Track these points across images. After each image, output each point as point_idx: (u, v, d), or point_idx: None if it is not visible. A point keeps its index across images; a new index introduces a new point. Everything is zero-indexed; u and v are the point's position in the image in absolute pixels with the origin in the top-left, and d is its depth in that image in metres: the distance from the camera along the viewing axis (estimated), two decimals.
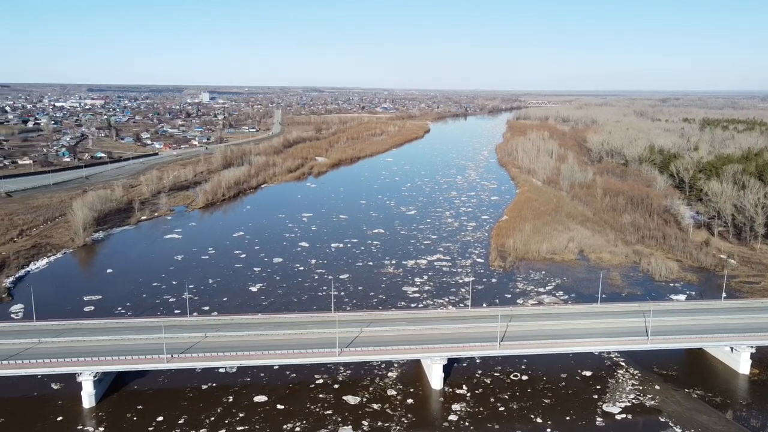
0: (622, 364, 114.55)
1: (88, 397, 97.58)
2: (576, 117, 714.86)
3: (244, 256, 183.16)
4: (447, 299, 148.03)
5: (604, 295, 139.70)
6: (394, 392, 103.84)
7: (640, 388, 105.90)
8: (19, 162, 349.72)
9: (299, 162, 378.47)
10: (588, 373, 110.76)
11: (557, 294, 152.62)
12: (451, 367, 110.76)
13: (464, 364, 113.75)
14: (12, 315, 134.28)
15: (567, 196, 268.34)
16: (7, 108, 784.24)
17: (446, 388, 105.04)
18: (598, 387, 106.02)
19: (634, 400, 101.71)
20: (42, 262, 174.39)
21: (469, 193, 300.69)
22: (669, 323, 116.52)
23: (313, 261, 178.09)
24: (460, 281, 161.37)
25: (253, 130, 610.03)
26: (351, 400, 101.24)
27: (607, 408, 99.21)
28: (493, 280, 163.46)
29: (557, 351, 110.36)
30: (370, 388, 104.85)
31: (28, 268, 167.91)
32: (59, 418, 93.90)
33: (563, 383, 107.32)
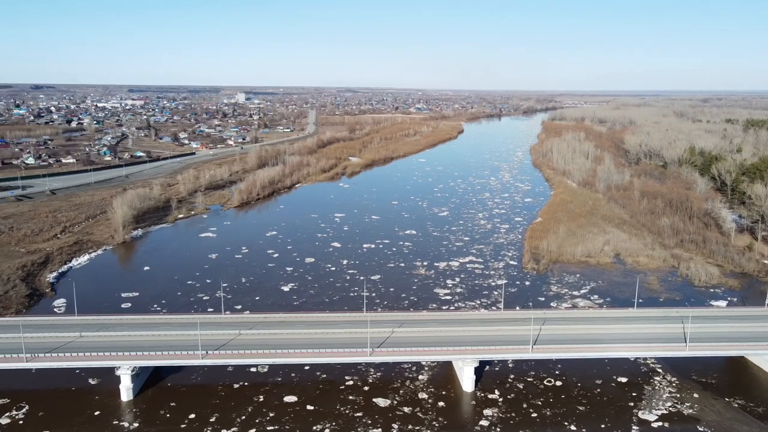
0: (659, 370, 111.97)
1: (126, 391, 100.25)
2: (613, 117, 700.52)
3: (276, 255, 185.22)
4: (479, 302, 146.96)
5: (640, 300, 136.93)
6: (425, 395, 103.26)
7: (678, 395, 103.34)
8: (63, 160, 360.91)
9: (333, 162, 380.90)
10: (623, 380, 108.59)
11: (592, 298, 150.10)
12: (482, 370, 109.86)
13: (496, 368, 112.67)
14: (55, 309, 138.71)
15: (603, 199, 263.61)
16: (53, 108, 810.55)
17: (478, 392, 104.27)
18: (633, 394, 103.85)
19: (671, 408, 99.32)
20: (83, 258, 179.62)
21: (502, 194, 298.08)
22: (709, 330, 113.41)
23: (345, 261, 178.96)
24: (493, 284, 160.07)
25: (288, 130, 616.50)
26: (381, 402, 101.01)
27: (644, 416, 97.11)
28: (527, 283, 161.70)
29: (592, 356, 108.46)
30: (401, 391, 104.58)
31: (70, 264, 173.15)
32: (96, 413, 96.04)
33: (598, 389, 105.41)
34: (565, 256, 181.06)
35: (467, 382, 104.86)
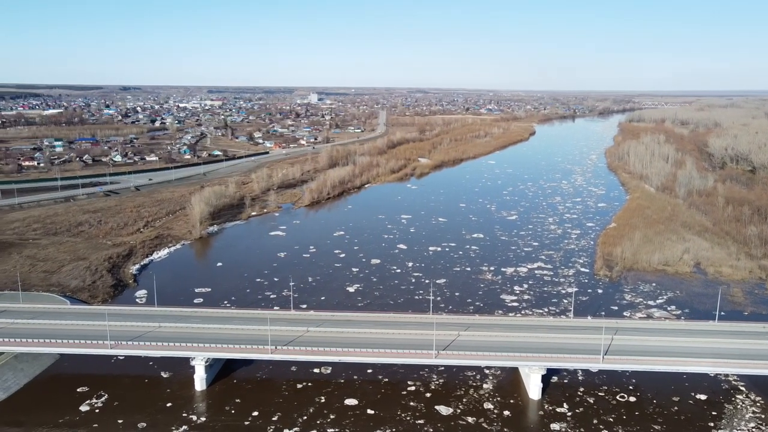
0: (742, 388, 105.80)
1: (200, 381, 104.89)
2: (696, 119, 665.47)
3: (343, 255, 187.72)
4: (547, 309, 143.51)
5: (722, 313, 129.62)
6: (490, 405, 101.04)
7: (763, 416, 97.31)
8: (147, 158, 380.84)
9: (402, 163, 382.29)
10: (702, 397, 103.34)
11: (669, 308, 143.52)
12: (550, 380, 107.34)
13: (565, 380, 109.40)
14: (137, 299, 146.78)
15: (683, 204, 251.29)
16: (139, 109, 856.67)
17: (545, 404, 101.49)
18: (713, 413, 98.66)
19: (754, 430, 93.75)
20: (163, 252, 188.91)
21: (574, 198, 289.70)
22: None
23: (411, 264, 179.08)
24: (563, 291, 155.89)
25: (359, 130, 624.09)
26: (443, 410, 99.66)
27: None
28: (598, 291, 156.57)
29: (668, 369, 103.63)
30: (464, 399, 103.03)
31: (151, 257, 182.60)
32: (168, 404, 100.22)
33: (675, 407, 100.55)
34: (640, 263, 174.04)
35: (534, 389, 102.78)
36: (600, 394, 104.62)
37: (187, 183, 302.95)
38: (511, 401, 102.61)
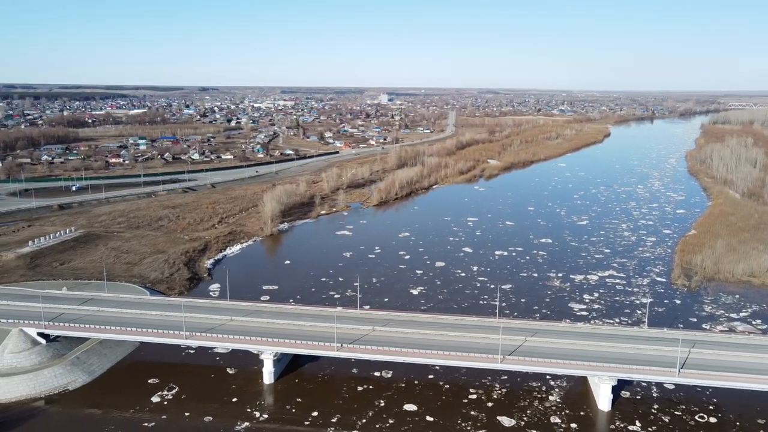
0: None
1: (268, 374, 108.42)
2: None
3: (408, 257, 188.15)
4: (619, 320, 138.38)
5: None
6: (556, 418, 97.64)
7: None
8: (222, 157, 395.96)
9: (471, 164, 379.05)
10: None
11: (754, 322, 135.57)
12: (620, 394, 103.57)
13: (637, 396, 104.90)
14: (210, 293, 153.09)
15: None
16: (216, 108, 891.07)
17: (616, 421, 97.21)
18: None
19: None
20: (236, 248, 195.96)
21: (650, 204, 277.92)
22: None
23: (476, 268, 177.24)
24: (636, 301, 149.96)
25: (428, 131, 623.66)
26: (506, 421, 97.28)
27: None
28: (676, 301, 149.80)
29: (753, 387, 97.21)
30: (528, 411, 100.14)
31: (224, 252, 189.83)
32: (234, 399, 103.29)
33: (762, 431, 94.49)
34: (722, 273, 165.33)
35: (603, 400, 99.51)
36: (676, 412, 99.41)
37: (259, 181, 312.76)
38: (581, 413, 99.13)
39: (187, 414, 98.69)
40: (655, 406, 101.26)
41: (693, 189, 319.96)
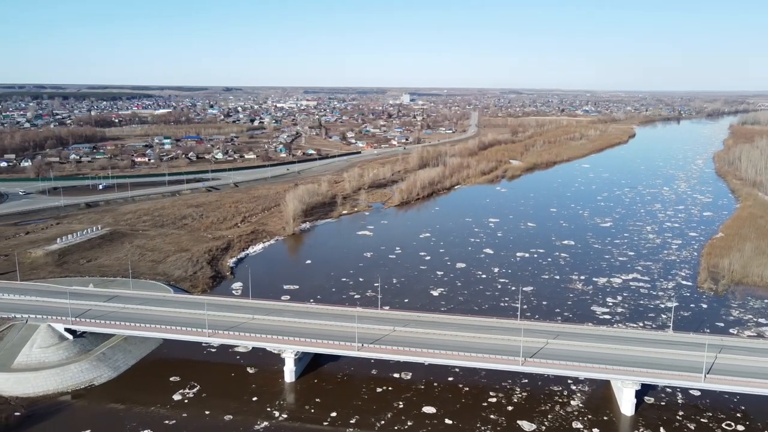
0: None
1: (289, 373, 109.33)
2: None
3: (428, 258, 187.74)
4: (643, 324, 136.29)
5: None
6: (578, 424, 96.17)
7: None
8: (245, 156, 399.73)
9: (493, 165, 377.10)
10: None
11: None
12: (645, 400, 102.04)
13: (662, 402, 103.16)
14: (233, 291, 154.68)
15: None
16: (239, 108, 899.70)
17: (641, 428, 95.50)
18: None
19: None
20: (258, 247, 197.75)
21: (676, 206, 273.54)
22: None
23: (497, 269, 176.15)
24: (661, 305, 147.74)
25: (450, 131, 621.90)
26: (526, 426, 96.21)
27: None
28: (702, 306, 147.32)
29: None
30: (549, 415, 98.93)
31: (247, 251, 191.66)
32: (254, 398, 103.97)
33: None
34: (750, 277, 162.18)
35: (627, 405, 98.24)
36: (702, 420, 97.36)
37: (281, 180, 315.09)
38: (603, 418, 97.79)
39: (207, 412, 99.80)
40: (681, 413, 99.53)
41: (720, 191, 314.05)
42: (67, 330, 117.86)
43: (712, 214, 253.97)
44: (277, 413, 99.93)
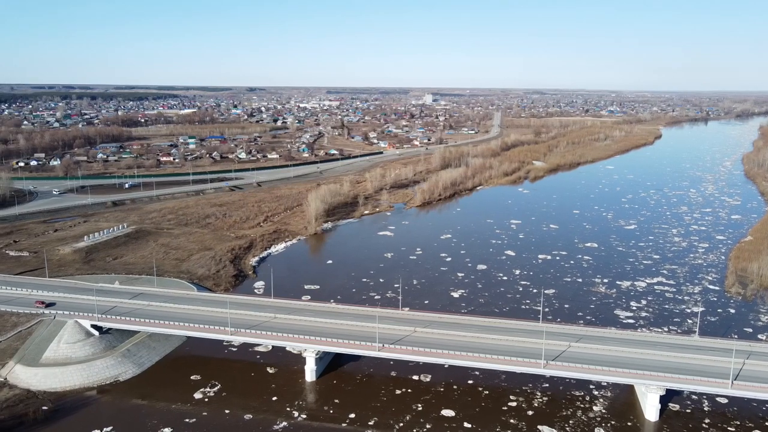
0: None
1: (310, 372, 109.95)
2: None
3: (449, 259, 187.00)
4: (668, 329, 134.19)
5: None
6: (602, 430, 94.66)
7: None
8: (268, 156, 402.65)
9: (516, 165, 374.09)
10: None
11: None
12: (670, 406, 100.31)
13: (687, 409, 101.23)
14: (255, 290, 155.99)
15: None
16: (263, 108, 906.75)
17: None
18: None
19: None
20: (280, 246, 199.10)
21: (703, 209, 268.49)
22: None
23: (518, 271, 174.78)
24: (687, 310, 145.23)
25: (473, 131, 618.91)
26: (547, 431, 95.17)
27: None
28: (730, 310, 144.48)
29: None
30: (571, 421, 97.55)
31: (269, 250, 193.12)
32: (274, 398, 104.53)
33: None
34: None
35: (651, 410, 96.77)
36: (729, 428, 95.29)
37: (304, 180, 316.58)
38: (627, 423, 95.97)
39: (227, 411, 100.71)
40: (707, 420, 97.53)
41: (749, 193, 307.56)
42: (94, 326, 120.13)
43: (740, 217, 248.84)
44: (296, 413, 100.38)
